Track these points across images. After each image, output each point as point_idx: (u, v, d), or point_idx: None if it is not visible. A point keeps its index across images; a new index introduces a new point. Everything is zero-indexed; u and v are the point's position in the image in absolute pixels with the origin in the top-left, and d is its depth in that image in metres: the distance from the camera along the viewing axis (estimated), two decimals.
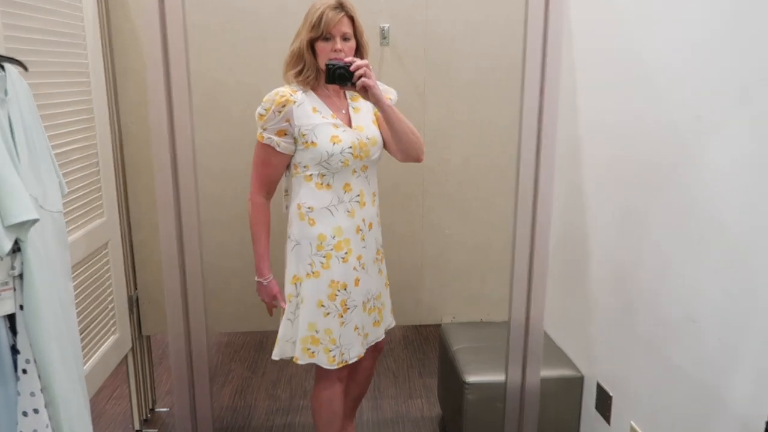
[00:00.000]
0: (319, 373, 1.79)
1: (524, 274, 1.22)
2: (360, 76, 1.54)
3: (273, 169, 1.68)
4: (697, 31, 1.39)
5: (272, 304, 1.77)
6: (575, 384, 2.02)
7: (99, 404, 2.50)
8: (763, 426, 1.05)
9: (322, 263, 1.68)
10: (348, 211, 1.68)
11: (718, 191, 1.34)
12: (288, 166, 1.72)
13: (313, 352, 1.69)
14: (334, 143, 1.62)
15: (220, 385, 2.69)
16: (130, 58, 2.08)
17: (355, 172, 1.69)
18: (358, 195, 1.69)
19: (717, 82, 1.33)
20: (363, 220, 1.71)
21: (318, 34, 1.58)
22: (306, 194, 1.67)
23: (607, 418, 1.87)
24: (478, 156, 2.27)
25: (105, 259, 2.00)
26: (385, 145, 1.76)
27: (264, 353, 3.00)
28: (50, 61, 1.65)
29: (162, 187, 1.32)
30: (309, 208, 1.67)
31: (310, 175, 1.66)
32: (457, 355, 2.13)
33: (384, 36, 2.14)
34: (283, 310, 1.76)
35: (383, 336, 1.86)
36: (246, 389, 2.66)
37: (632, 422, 1.72)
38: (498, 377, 1.97)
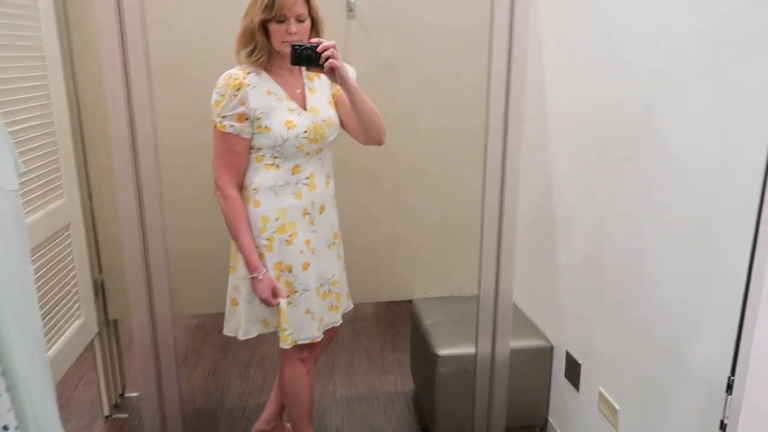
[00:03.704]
0: (282, 354, 1.80)
1: (493, 247, 1.23)
2: (327, 58, 1.50)
3: (240, 156, 1.61)
4: None
5: (273, 297, 1.65)
6: (545, 353, 2.06)
7: (67, 391, 2.45)
8: (725, 383, 1.08)
9: (265, 246, 1.65)
10: (294, 193, 1.64)
11: (683, 158, 1.36)
12: None
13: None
14: (288, 128, 1.58)
15: (192, 368, 2.65)
16: (88, 31, 1.99)
17: (308, 154, 1.65)
18: (308, 177, 1.65)
19: (683, 47, 1.34)
20: (312, 203, 1.67)
21: (271, 15, 1.51)
22: (253, 174, 1.64)
23: (576, 385, 1.91)
24: (447, 131, 2.26)
25: (67, 242, 1.93)
26: (345, 126, 1.72)
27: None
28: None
29: (121, 167, 1.27)
30: (255, 189, 1.64)
31: (263, 155, 1.63)
32: (429, 329, 2.14)
33: (350, 9, 2.10)
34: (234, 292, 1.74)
35: (340, 321, 1.84)
36: (218, 371, 2.63)
37: (600, 388, 1.76)
38: (469, 350, 1.99)
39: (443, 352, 1.99)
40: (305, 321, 1.72)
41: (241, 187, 1.66)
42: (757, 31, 1.12)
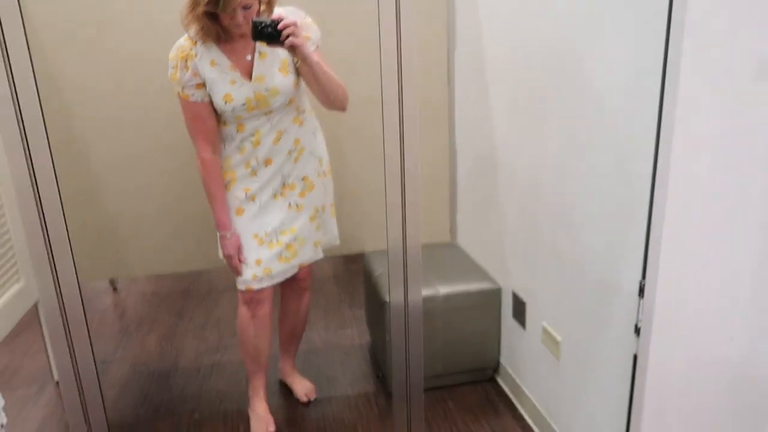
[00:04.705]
0: None
1: (398, 199, 1.24)
2: (288, 35, 1.51)
3: (207, 120, 1.67)
4: None
5: (238, 257, 1.74)
6: (494, 295, 2.10)
7: (15, 360, 2.41)
8: (637, 289, 1.11)
9: None
10: (238, 148, 1.72)
11: (602, 94, 1.37)
12: None
13: None
14: (225, 102, 1.64)
15: (146, 332, 2.63)
16: None
17: (254, 116, 1.69)
18: (252, 135, 1.70)
19: None
20: (256, 158, 1.72)
21: (215, 10, 1.52)
22: None
23: (522, 323, 1.95)
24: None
25: None
26: (311, 90, 1.74)
27: (191, 299, 2.95)
28: None
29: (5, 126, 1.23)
30: None
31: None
32: (380, 279, 2.15)
33: None
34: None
35: (294, 272, 1.86)
36: (173, 334, 2.61)
37: (543, 323, 1.80)
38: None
39: None
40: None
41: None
42: None
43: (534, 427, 1.91)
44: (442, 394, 2.10)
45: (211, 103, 1.66)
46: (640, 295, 1.10)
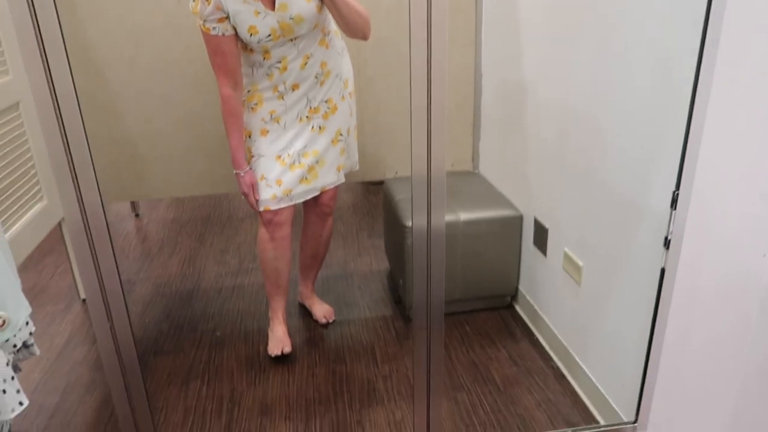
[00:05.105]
0: None
1: (423, 124, 1.20)
2: None
3: (229, 55, 1.65)
4: None
5: (253, 194, 1.77)
6: (515, 222, 2.06)
7: (42, 280, 2.47)
8: (669, 200, 1.06)
9: None
10: (267, 74, 1.72)
11: (633, 17, 1.28)
12: None
13: None
14: (251, 34, 1.61)
15: (168, 256, 2.67)
16: None
17: (281, 44, 1.66)
18: (279, 61, 1.69)
19: None
20: (284, 83, 1.73)
21: None
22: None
23: (543, 250, 1.93)
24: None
25: (17, 122, 1.86)
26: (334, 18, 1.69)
27: (212, 226, 2.97)
28: None
29: (26, 51, 1.18)
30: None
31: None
32: (400, 204, 2.13)
33: None
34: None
35: (315, 194, 1.86)
36: (194, 257, 2.65)
37: (565, 249, 1.78)
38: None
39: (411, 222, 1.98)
40: (260, 186, 1.78)
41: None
42: None
43: (551, 353, 1.92)
44: (460, 319, 2.12)
45: (234, 36, 1.63)
46: (672, 206, 1.05)
